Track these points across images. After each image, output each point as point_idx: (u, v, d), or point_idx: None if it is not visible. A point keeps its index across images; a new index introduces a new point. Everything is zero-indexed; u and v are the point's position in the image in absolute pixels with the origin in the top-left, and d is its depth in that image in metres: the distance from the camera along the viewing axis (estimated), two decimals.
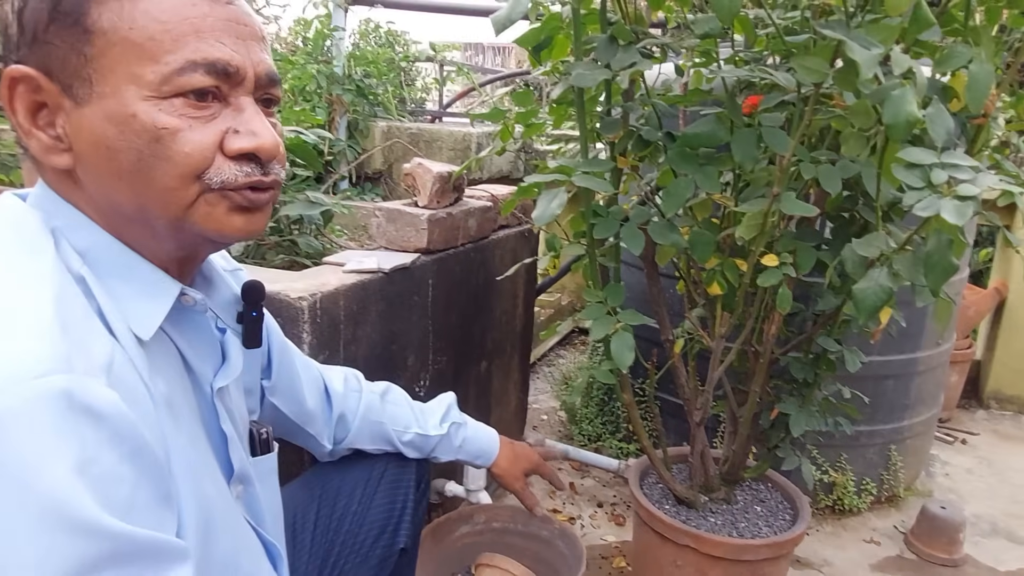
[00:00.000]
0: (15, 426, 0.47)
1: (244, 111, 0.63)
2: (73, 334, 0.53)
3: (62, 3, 0.58)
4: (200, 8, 0.60)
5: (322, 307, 1.20)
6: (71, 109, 0.60)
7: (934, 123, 0.80)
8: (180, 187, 0.61)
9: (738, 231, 1.08)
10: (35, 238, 0.60)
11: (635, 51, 1.06)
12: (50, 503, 0.47)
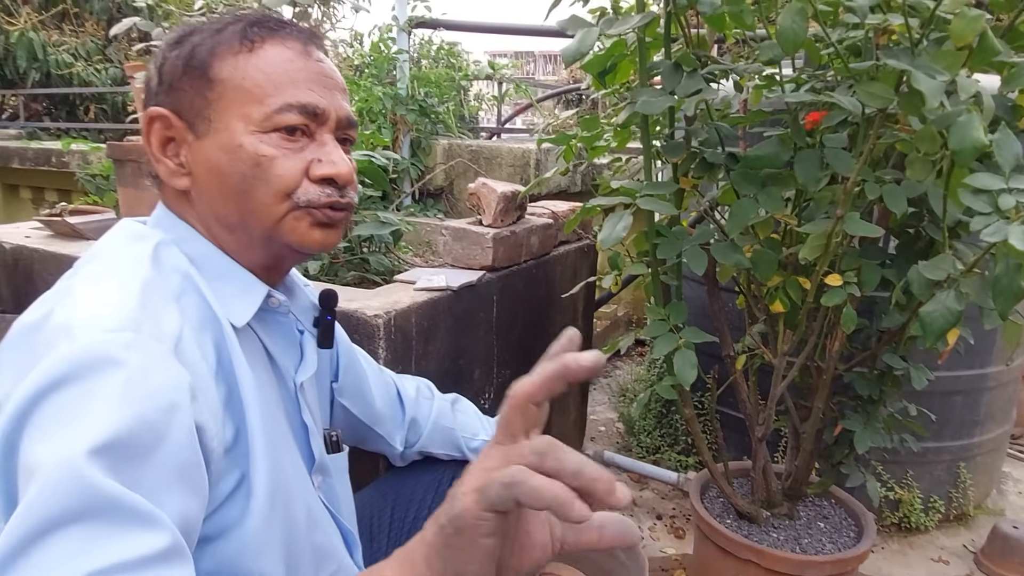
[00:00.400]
0: (75, 365, 0.57)
1: (326, 145, 0.75)
2: (148, 311, 0.64)
3: (193, 59, 0.72)
4: (296, 63, 0.74)
5: (396, 324, 1.26)
6: (192, 142, 0.74)
7: (1001, 148, 0.81)
8: (273, 203, 0.73)
9: (802, 252, 1.10)
10: (139, 246, 0.72)
11: (699, 77, 1.09)
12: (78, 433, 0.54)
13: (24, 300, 1.71)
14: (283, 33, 0.74)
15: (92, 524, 0.51)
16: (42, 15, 4.94)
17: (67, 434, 0.54)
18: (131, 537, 0.52)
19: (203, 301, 0.72)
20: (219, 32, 0.73)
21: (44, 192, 3.84)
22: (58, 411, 0.55)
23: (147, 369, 0.59)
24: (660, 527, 2.10)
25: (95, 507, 0.51)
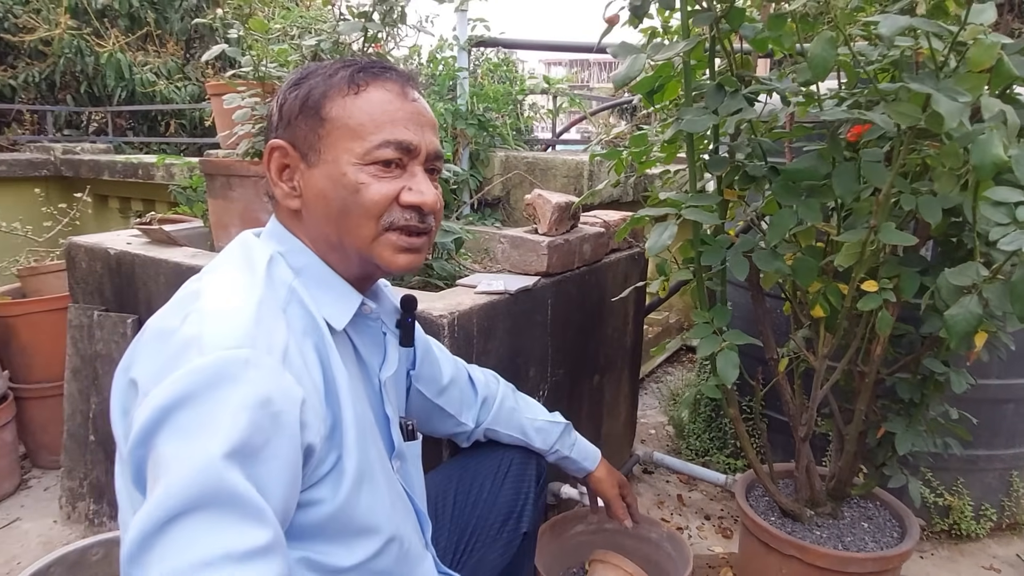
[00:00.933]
0: (204, 381, 0.69)
1: (416, 176, 0.89)
2: (262, 329, 0.76)
3: (308, 100, 0.86)
4: (394, 104, 0.87)
5: (459, 324, 1.38)
6: (304, 170, 0.88)
7: (1020, 164, 0.87)
8: (365, 224, 0.87)
9: (837, 259, 1.17)
10: (255, 259, 0.86)
11: (741, 97, 1.18)
12: (204, 436, 0.66)
13: (125, 300, 1.91)
14: (384, 77, 0.88)
15: (216, 513, 0.63)
16: (128, 37, 5.30)
17: (198, 436, 0.66)
18: (243, 529, 0.64)
19: (306, 310, 0.85)
20: (331, 76, 0.87)
21: (131, 202, 4.11)
22: (191, 417, 0.68)
23: (260, 381, 0.71)
24: (708, 527, 2.16)
25: (220, 499, 0.63)
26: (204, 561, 0.60)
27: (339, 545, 0.83)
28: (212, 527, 0.62)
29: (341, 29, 1.85)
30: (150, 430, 0.68)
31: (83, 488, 2.01)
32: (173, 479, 0.64)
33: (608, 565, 1.51)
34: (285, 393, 0.73)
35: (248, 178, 1.79)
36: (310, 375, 0.80)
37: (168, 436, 0.67)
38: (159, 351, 0.75)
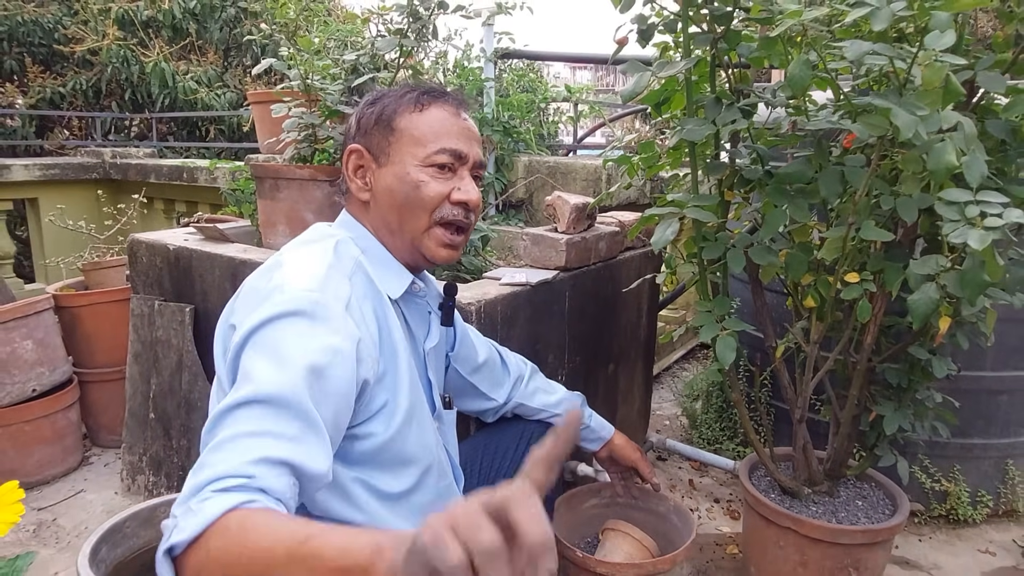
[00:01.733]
0: (283, 313, 0.88)
1: (464, 179, 1.09)
2: (330, 282, 0.96)
3: (383, 114, 1.07)
4: (449, 121, 1.07)
5: (485, 311, 1.54)
6: (375, 170, 1.08)
7: (970, 168, 1.01)
8: (421, 216, 1.07)
9: (820, 253, 1.31)
10: (326, 240, 1.07)
11: (736, 109, 1.33)
12: (276, 350, 0.85)
13: (183, 291, 2.11)
14: (443, 100, 1.08)
15: (273, 407, 0.80)
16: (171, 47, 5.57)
17: (273, 352, 0.86)
18: (289, 422, 0.80)
19: (368, 279, 1.05)
20: (401, 97, 1.08)
21: (174, 204, 4.35)
22: (270, 337, 0.88)
23: (326, 317, 0.91)
24: (717, 509, 2.30)
25: (279, 399, 0.81)
26: (252, 432, 0.78)
27: (388, 473, 1.01)
28: (267, 415, 0.79)
29: (379, 45, 2.03)
30: (239, 347, 0.88)
31: (142, 462, 2.21)
32: (251, 379, 0.82)
33: (619, 533, 1.66)
34: (345, 330, 0.91)
35: (294, 181, 1.97)
36: (367, 326, 0.98)
37: (251, 351, 0.87)
38: (250, 300, 0.96)
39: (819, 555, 1.65)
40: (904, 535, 2.18)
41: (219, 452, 0.76)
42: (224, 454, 0.76)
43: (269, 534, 0.65)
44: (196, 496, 0.71)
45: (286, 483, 0.76)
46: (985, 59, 1.28)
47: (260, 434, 0.78)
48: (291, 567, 0.62)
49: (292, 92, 2.11)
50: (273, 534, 0.65)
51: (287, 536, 0.64)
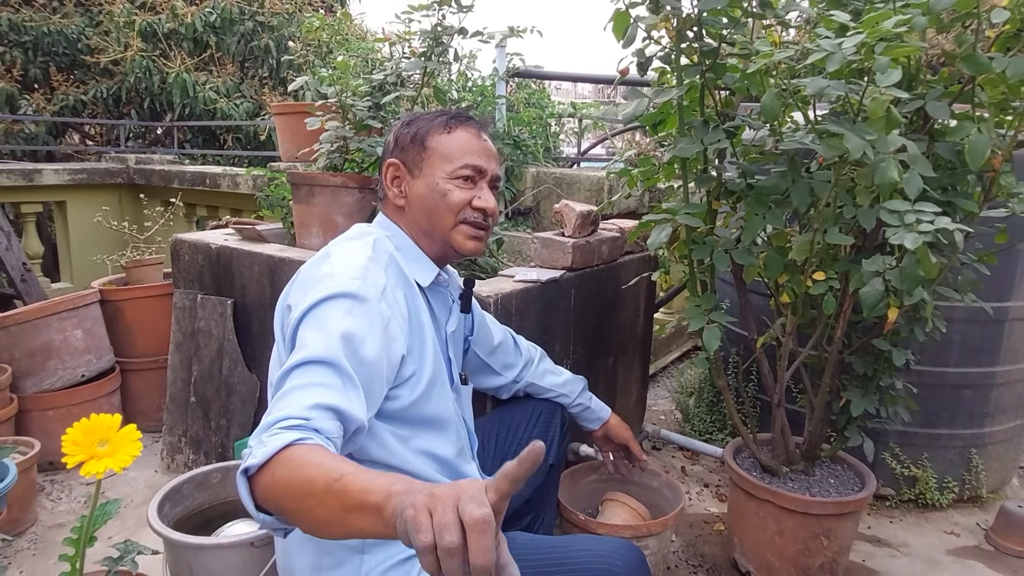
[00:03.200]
0: (332, 296, 1.09)
1: (484, 190, 1.31)
2: (370, 272, 1.17)
3: (417, 134, 1.29)
4: (473, 142, 1.29)
5: (501, 303, 1.76)
6: (409, 180, 1.30)
7: (909, 183, 1.23)
8: (449, 217, 1.28)
9: (791, 254, 1.53)
10: (366, 237, 1.27)
11: (721, 131, 1.55)
12: (325, 324, 1.05)
13: (223, 286, 2.32)
14: (468, 123, 1.30)
15: (323, 367, 1.00)
16: (192, 59, 5.81)
17: (325, 325, 1.06)
18: (334, 378, 1.00)
19: (400, 271, 1.26)
20: (432, 120, 1.30)
21: (196, 208, 4.57)
22: (322, 314, 1.08)
23: (366, 299, 1.12)
24: (707, 492, 2.51)
25: (328, 360, 1.01)
26: (306, 384, 0.98)
27: (411, 429, 1.22)
28: (317, 372, 1.00)
29: (404, 67, 2.25)
30: (297, 322, 1.09)
31: (181, 442, 2.42)
32: (306, 347, 1.03)
33: (617, 503, 1.87)
34: (380, 311, 1.12)
35: (327, 187, 2.19)
36: (399, 308, 1.19)
37: (307, 324, 1.08)
38: (305, 285, 1.17)
39: (794, 524, 1.86)
40: (876, 517, 2.39)
41: (283, 400, 0.97)
42: (287, 401, 0.96)
43: (315, 467, 0.84)
44: (267, 432, 0.91)
45: (334, 425, 0.96)
46: (934, 91, 1.51)
47: (313, 386, 0.98)
48: (327, 497, 0.80)
49: (324, 107, 2.33)
50: (318, 468, 0.83)
51: (327, 472, 0.82)
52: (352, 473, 0.82)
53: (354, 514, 0.78)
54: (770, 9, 1.43)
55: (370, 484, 0.78)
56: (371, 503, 0.76)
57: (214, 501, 1.79)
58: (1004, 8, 1.39)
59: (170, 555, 1.58)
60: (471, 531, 0.64)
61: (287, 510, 0.85)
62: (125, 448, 1.04)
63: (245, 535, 1.54)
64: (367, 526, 0.77)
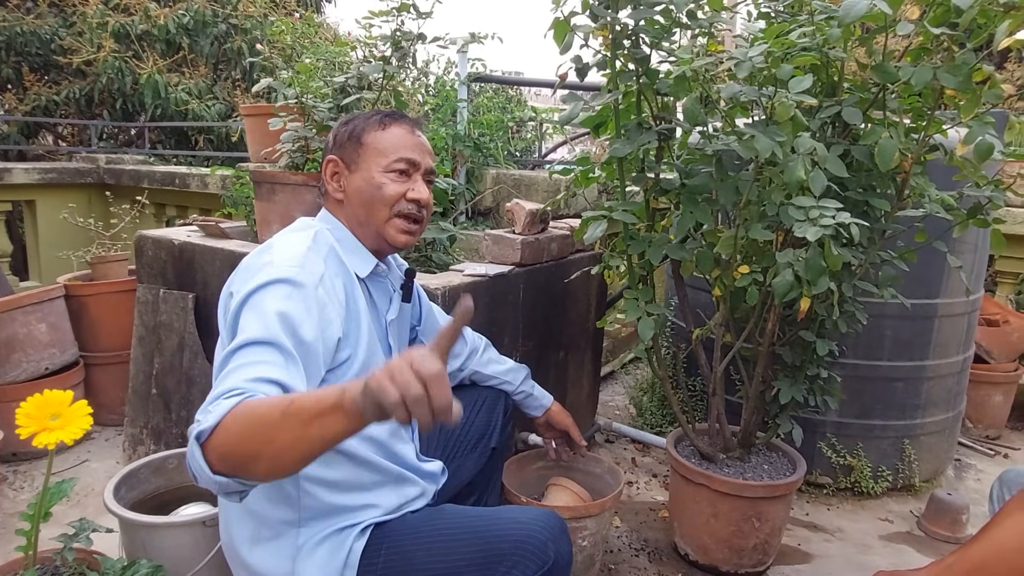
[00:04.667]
0: (272, 281, 1.15)
1: (418, 182, 1.39)
2: (308, 261, 1.24)
3: (354, 132, 1.36)
4: (407, 138, 1.37)
5: (449, 295, 1.85)
6: (347, 175, 1.37)
7: (814, 182, 1.34)
8: (383, 210, 1.36)
9: (716, 248, 1.64)
10: (307, 229, 1.34)
11: (653, 133, 1.65)
12: (264, 308, 1.12)
13: (185, 281, 2.38)
14: (402, 121, 1.38)
15: (265, 347, 1.07)
16: (165, 60, 5.84)
17: (264, 309, 1.13)
18: (275, 356, 1.07)
19: (340, 261, 1.33)
20: (369, 119, 1.38)
21: (165, 208, 4.61)
22: (261, 299, 1.15)
23: (304, 285, 1.19)
24: (655, 482, 2.61)
25: (268, 340, 1.08)
26: (247, 363, 1.05)
27: None
28: (257, 351, 1.07)
29: (365, 70, 2.34)
30: (238, 308, 1.16)
31: (143, 434, 2.47)
32: (246, 329, 1.11)
33: (560, 487, 1.96)
34: (317, 296, 1.20)
35: (288, 185, 2.26)
36: (336, 296, 1.27)
37: (247, 309, 1.15)
38: (246, 273, 1.24)
39: (727, 507, 1.96)
40: (815, 504, 2.51)
41: (225, 379, 1.04)
42: (229, 378, 1.03)
43: (266, 405, 0.93)
44: (212, 403, 0.98)
45: (276, 392, 1.04)
46: (849, 98, 1.62)
47: (255, 363, 1.05)
48: (285, 421, 0.90)
49: (287, 108, 2.40)
50: (268, 404, 0.93)
51: (278, 403, 0.92)
52: (300, 395, 0.93)
53: (314, 424, 0.89)
54: (695, 20, 1.53)
55: (321, 394, 0.90)
56: (328, 405, 0.87)
57: (171, 486, 1.85)
58: (909, 21, 1.51)
59: (125, 535, 1.64)
60: (431, 382, 0.80)
61: (246, 454, 0.92)
62: (76, 422, 1.11)
63: (197, 514, 1.61)
64: (329, 427, 0.88)
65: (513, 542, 1.23)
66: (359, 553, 1.27)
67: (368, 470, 1.35)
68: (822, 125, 1.67)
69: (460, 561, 1.23)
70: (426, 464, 1.50)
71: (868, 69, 1.58)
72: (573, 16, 1.65)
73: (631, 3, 1.56)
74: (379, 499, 1.36)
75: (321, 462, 1.29)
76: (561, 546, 1.25)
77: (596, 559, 1.94)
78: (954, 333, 2.47)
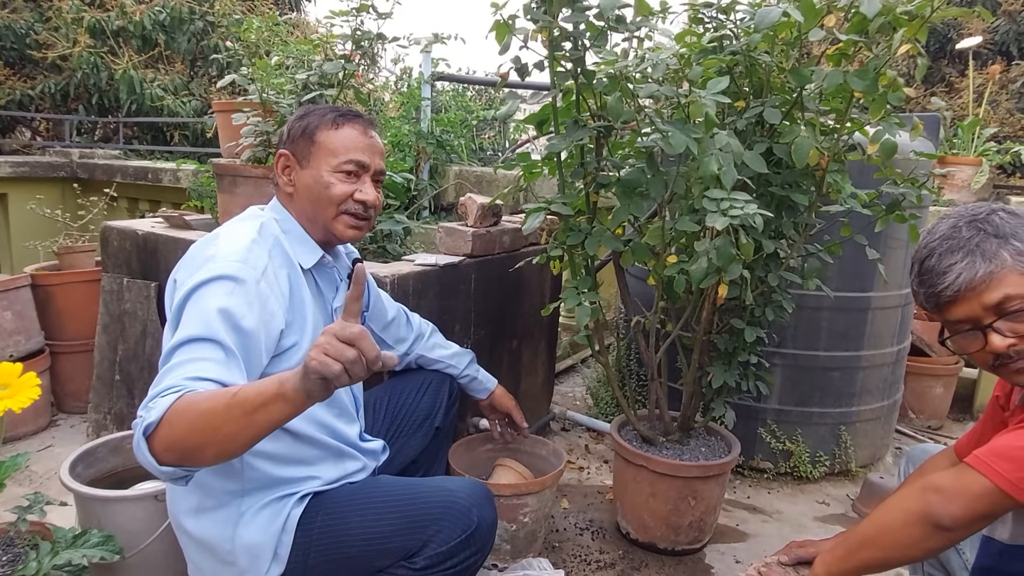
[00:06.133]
0: (214, 278, 1.21)
1: (366, 183, 1.45)
2: (251, 255, 1.29)
3: (307, 129, 1.42)
4: (358, 139, 1.42)
5: (398, 283, 1.94)
6: (298, 170, 1.43)
7: (726, 175, 1.44)
8: (329, 208, 1.42)
9: (645, 238, 1.74)
10: (254, 219, 1.41)
11: (589, 129, 1.75)
12: (206, 304, 1.18)
13: (149, 271, 2.45)
14: (355, 121, 1.43)
15: (205, 343, 1.13)
16: (140, 56, 5.87)
17: (205, 304, 1.19)
18: (216, 352, 1.13)
19: (285, 253, 1.40)
20: (323, 116, 1.43)
21: (138, 202, 4.65)
22: (203, 294, 1.20)
23: (245, 280, 1.24)
24: (605, 468, 2.71)
25: (208, 336, 1.14)
26: (186, 360, 1.11)
27: None
28: (201, 348, 1.13)
29: (326, 68, 2.42)
30: (181, 303, 1.21)
31: (107, 420, 2.53)
32: (188, 325, 1.17)
33: (505, 468, 2.06)
34: (259, 291, 1.26)
35: (249, 178, 2.34)
36: (280, 288, 1.33)
37: (190, 305, 1.20)
38: (191, 263, 1.30)
39: (665, 487, 2.07)
40: (756, 488, 2.62)
41: (166, 376, 1.10)
42: (169, 376, 1.09)
43: (208, 398, 1.01)
44: (152, 400, 1.04)
45: (215, 388, 1.11)
46: (772, 99, 1.73)
47: (195, 360, 1.11)
48: (230, 412, 0.98)
49: (251, 104, 2.48)
50: (211, 397, 1.01)
51: (220, 396, 1.00)
52: (241, 387, 1.02)
53: (259, 412, 0.98)
54: (623, 24, 1.63)
55: (261, 385, 0.99)
56: (270, 394, 0.98)
57: (128, 465, 1.92)
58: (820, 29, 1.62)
59: (80, 510, 1.72)
60: (358, 341, 0.93)
61: (192, 445, 1.00)
62: (24, 392, 1.19)
63: (148, 489, 1.68)
64: (274, 414, 0.98)
65: (441, 507, 1.32)
66: (297, 518, 1.35)
67: (310, 446, 1.43)
68: (747, 124, 1.77)
69: (390, 524, 1.32)
70: (367, 443, 1.59)
71: (785, 72, 1.69)
72: (515, 19, 1.75)
73: (568, 5, 1.65)
74: (320, 472, 1.44)
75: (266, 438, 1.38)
76: (485, 512, 1.34)
77: (539, 535, 2.03)
78: (888, 325, 2.59)
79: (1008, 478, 1.05)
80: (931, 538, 1.10)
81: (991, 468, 1.06)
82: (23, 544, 1.55)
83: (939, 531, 1.09)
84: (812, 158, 1.68)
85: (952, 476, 1.11)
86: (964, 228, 1.15)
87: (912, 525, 1.11)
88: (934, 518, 1.09)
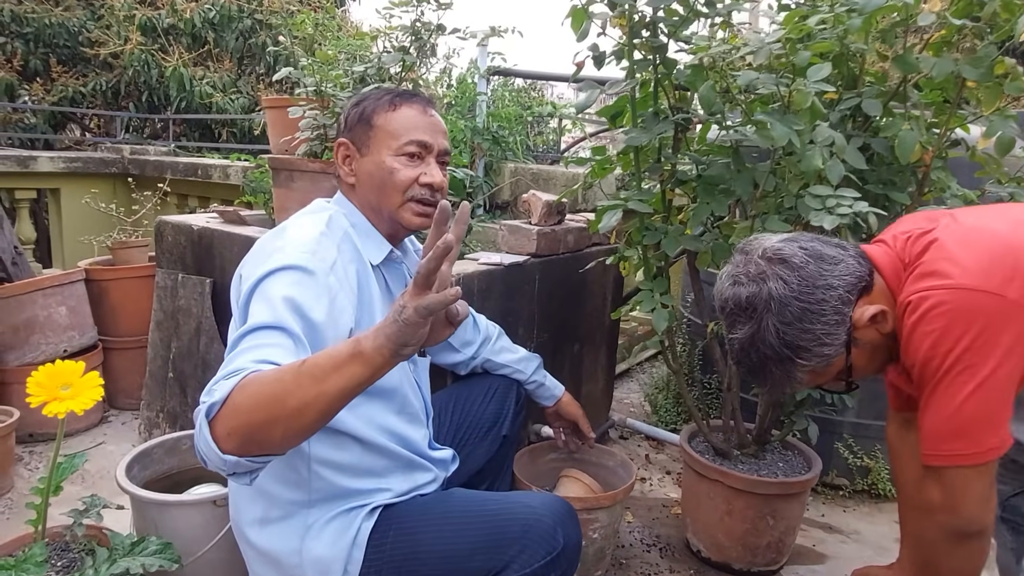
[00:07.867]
0: (281, 267, 1.14)
1: (431, 165, 1.35)
2: (321, 246, 1.22)
3: (363, 113, 1.34)
4: (418, 118, 1.34)
5: (464, 283, 1.85)
6: (359, 158, 1.35)
7: (831, 171, 1.32)
8: (395, 195, 1.33)
9: (731, 239, 1.62)
10: (322, 212, 1.33)
11: (670, 122, 1.64)
12: (273, 293, 1.10)
13: (203, 266, 2.41)
14: (413, 100, 1.35)
15: (274, 331, 1.05)
16: (190, 54, 5.91)
17: (273, 294, 1.11)
18: (283, 339, 1.05)
19: (354, 247, 1.32)
20: (379, 99, 1.35)
21: (187, 199, 4.66)
22: (271, 285, 1.13)
23: (315, 271, 1.16)
24: (668, 479, 2.59)
25: (277, 325, 1.06)
26: (254, 346, 1.03)
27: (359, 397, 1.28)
28: (268, 336, 1.05)
29: (384, 60, 2.34)
30: (249, 293, 1.14)
31: (159, 417, 2.49)
32: (254, 314, 1.09)
33: (571, 479, 1.95)
34: (328, 284, 1.18)
35: (306, 172, 2.27)
36: (348, 283, 1.25)
37: (257, 295, 1.13)
38: (258, 256, 1.23)
39: (743, 504, 1.94)
40: (831, 506, 2.47)
41: (233, 360, 1.03)
42: (236, 360, 1.02)
43: (274, 372, 0.93)
44: (216, 383, 0.97)
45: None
46: (869, 90, 1.60)
47: (263, 346, 1.04)
48: (299, 381, 0.89)
49: (307, 98, 2.41)
50: (276, 371, 0.93)
51: (287, 369, 0.92)
52: (310, 357, 0.93)
53: (331, 378, 0.90)
54: (713, 8, 1.51)
55: (333, 351, 0.92)
56: (344, 356, 0.90)
57: (183, 467, 1.86)
58: (931, 12, 1.48)
59: (136, 513, 1.66)
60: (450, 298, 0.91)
61: (256, 423, 0.91)
62: (86, 392, 1.12)
63: (207, 494, 1.61)
64: (348, 378, 0.91)
65: (522, 526, 1.22)
66: (368, 532, 1.27)
67: (380, 455, 1.34)
68: (842, 117, 1.64)
69: (468, 543, 1.22)
70: (437, 452, 1.50)
71: (889, 61, 1.55)
72: (592, 4, 1.64)
73: None
74: (390, 484, 1.36)
75: (333, 446, 1.29)
76: (570, 532, 1.24)
77: (607, 552, 1.92)
78: None
79: (970, 452, 1.08)
80: (976, 540, 1.13)
81: (953, 456, 1.09)
82: (79, 549, 1.49)
83: (976, 533, 1.12)
84: (915, 154, 1.54)
85: (935, 488, 1.13)
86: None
87: (955, 550, 1.14)
88: (961, 532, 1.12)
